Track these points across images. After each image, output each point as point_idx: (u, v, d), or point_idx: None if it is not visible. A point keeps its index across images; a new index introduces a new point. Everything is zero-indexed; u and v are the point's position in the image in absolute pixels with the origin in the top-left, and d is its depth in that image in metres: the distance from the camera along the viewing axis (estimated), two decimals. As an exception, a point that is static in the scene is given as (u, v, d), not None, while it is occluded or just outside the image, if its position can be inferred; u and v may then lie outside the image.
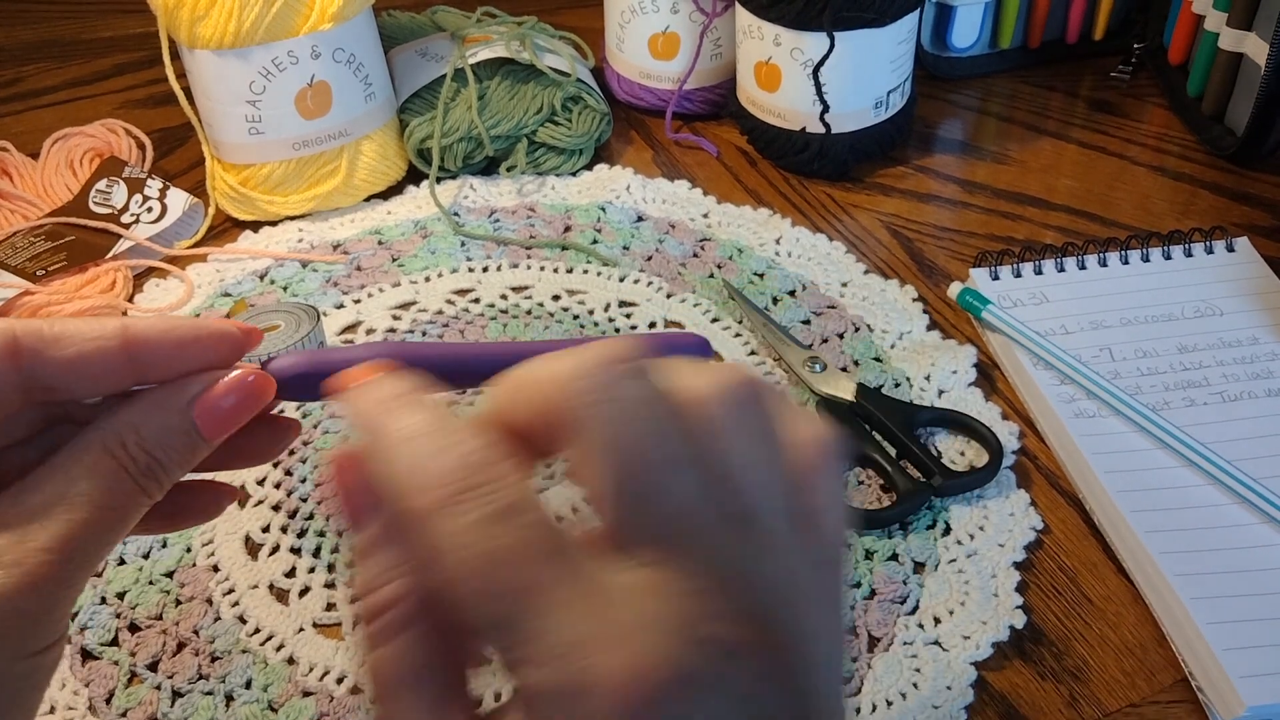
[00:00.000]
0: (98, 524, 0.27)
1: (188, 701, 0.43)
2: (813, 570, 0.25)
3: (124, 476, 0.28)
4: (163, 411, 0.28)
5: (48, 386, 0.28)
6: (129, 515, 0.28)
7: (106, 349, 0.28)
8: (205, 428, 0.29)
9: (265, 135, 0.64)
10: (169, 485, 0.29)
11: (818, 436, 0.27)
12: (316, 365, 0.30)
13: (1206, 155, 0.71)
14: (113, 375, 0.28)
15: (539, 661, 0.21)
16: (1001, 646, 0.44)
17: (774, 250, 0.64)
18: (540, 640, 0.21)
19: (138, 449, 0.28)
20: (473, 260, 0.64)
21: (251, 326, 0.31)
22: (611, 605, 0.22)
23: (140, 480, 0.28)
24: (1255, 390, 0.53)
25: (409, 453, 0.23)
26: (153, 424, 0.28)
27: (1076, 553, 0.48)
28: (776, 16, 0.65)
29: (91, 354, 0.28)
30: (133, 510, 0.28)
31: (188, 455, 0.29)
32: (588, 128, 0.71)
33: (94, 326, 0.28)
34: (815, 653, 0.24)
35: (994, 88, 0.79)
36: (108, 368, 0.28)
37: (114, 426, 0.28)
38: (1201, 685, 0.42)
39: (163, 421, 0.28)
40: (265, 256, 0.65)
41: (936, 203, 0.69)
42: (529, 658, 0.21)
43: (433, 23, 0.77)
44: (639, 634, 0.21)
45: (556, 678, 0.21)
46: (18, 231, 0.63)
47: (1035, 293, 0.59)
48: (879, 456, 0.50)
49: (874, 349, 0.57)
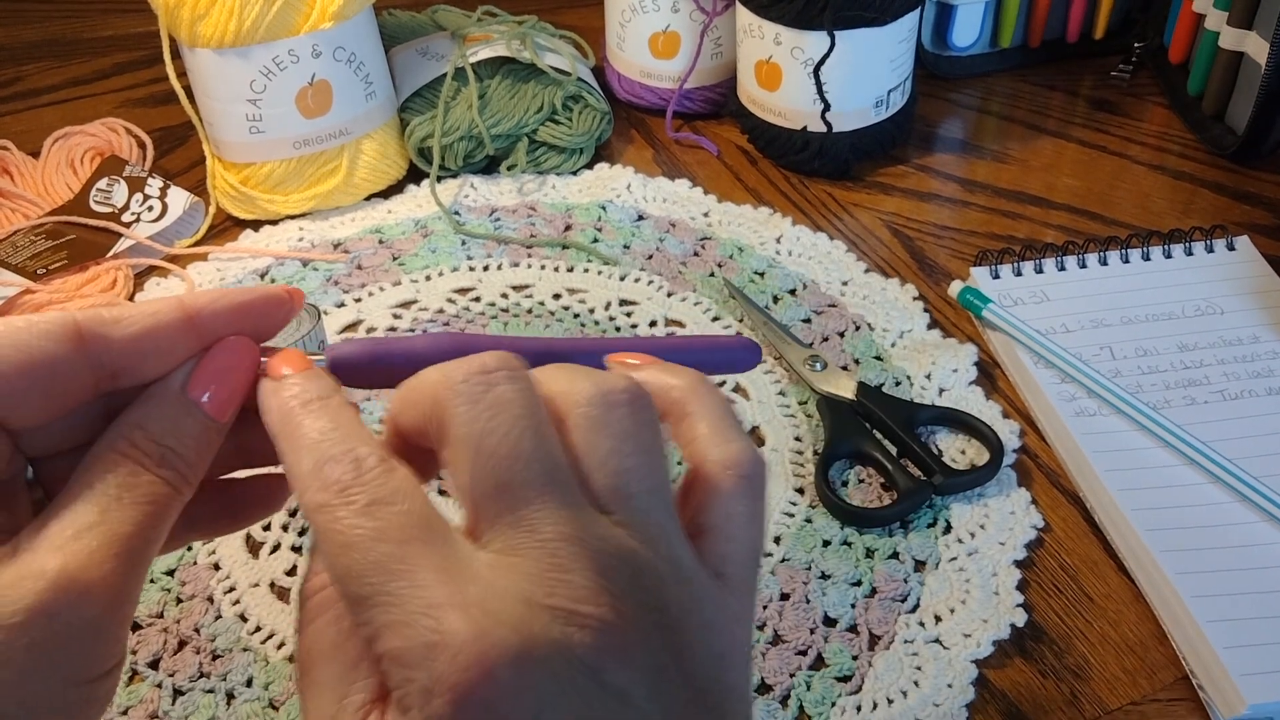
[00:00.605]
0: (135, 524, 0.27)
1: (189, 699, 0.43)
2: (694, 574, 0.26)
3: (142, 471, 0.27)
4: (159, 401, 0.28)
5: (114, 371, 0.28)
6: (163, 512, 0.28)
7: (168, 321, 0.28)
8: (209, 404, 0.29)
9: (266, 134, 0.64)
10: (195, 474, 0.28)
11: (728, 458, 0.28)
12: (377, 354, 0.30)
13: (1207, 154, 0.71)
14: (178, 348, 0.29)
15: (395, 626, 0.23)
16: (1003, 644, 0.44)
17: (774, 249, 0.64)
18: (397, 607, 0.23)
19: (146, 441, 0.28)
20: (473, 259, 0.64)
21: (296, 289, 0.31)
22: (465, 579, 0.23)
23: (159, 471, 0.27)
24: (1256, 389, 0.53)
25: (307, 455, 0.26)
26: (154, 415, 0.28)
27: (1077, 551, 0.48)
28: (777, 15, 0.65)
29: (155, 328, 0.28)
30: (165, 506, 0.28)
31: (203, 438, 0.29)
32: (588, 127, 0.71)
33: (152, 304, 0.28)
34: (688, 644, 0.25)
35: (994, 87, 0.80)
36: (173, 341, 0.28)
37: (118, 428, 0.28)
38: (1202, 683, 0.42)
39: (164, 410, 0.28)
40: (266, 255, 0.65)
41: (937, 201, 0.69)
42: (388, 623, 0.23)
43: (433, 22, 0.77)
44: (486, 601, 0.23)
45: (408, 640, 0.23)
46: (18, 230, 0.63)
47: (1036, 291, 0.59)
48: (880, 455, 0.50)
49: (875, 347, 0.57)
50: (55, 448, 0.29)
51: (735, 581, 0.27)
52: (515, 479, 0.25)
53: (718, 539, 0.27)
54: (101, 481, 0.27)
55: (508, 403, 0.26)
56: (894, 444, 0.51)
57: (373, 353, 0.30)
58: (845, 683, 0.43)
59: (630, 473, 0.26)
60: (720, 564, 0.27)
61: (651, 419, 0.28)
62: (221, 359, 0.29)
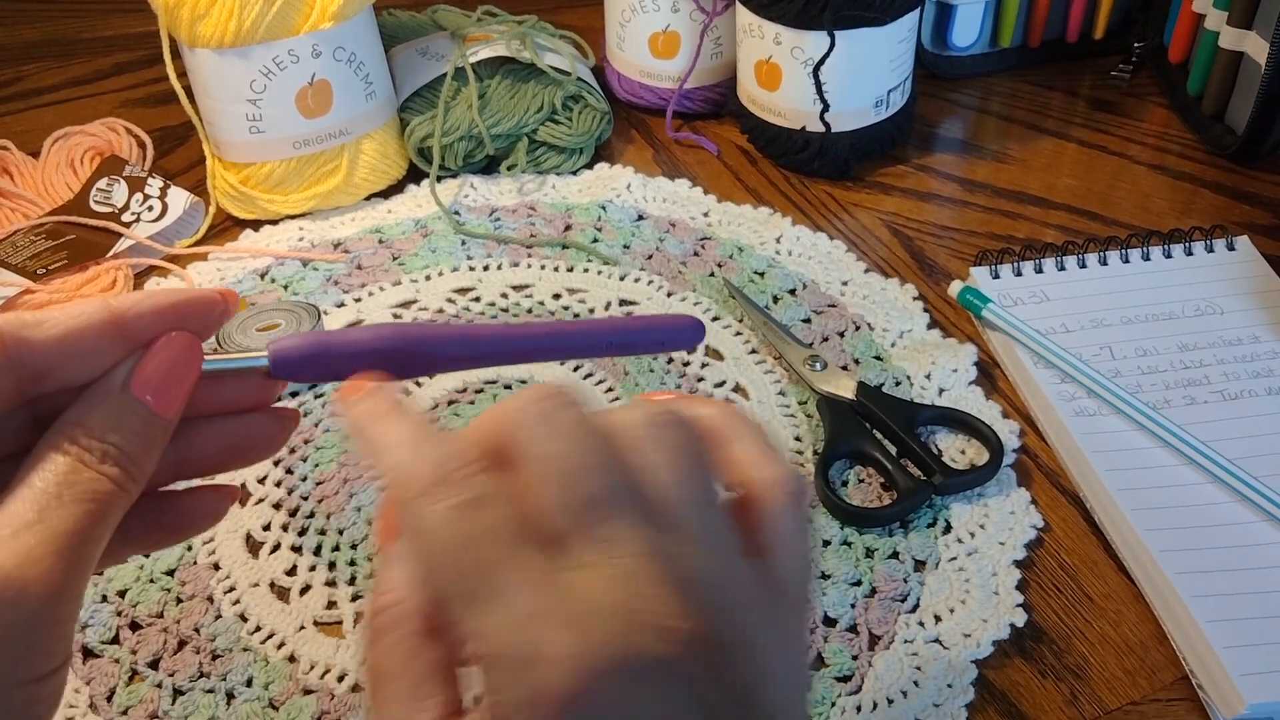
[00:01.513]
0: (75, 520, 0.26)
1: (188, 699, 0.43)
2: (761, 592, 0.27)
3: (82, 468, 0.27)
4: (102, 397, 0.28)
5: (37, 373, 0.28)
6: (105, 510, 0.27)
7: (94, 323, 0.28)
8: (153, 400, 0.28)
9: (266, 134, 0.64)
10: (141, 472, 0.28)
11: (774, 477, 0.28)
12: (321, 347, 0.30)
13: (1207, 154, 0.71)
14: (103, 350, 0.28)
15: (497, 630, 0.24)
16: (1002, 644, 0.44)
17: (774, 249, 0.64)
18: (500, 611, 0.24)
19: (88, 439, 0.27)
20: (473, 259, 0.64)
21: (229, 290, 0.31)
22: (561, 592, 0.24)
23: (102, 469, 0.27)
24: (1255, 389, 0.53)
25: (395, 456, 0.26)
26: (96, 412, 0.28)
27: (1077, 551, 0.48)
28: (777, 15, 0.65)
29: (79, 329, 0.28)
30: (107, 504, 0.27)
31: (147, 435, 0.28)
32: (588, 126, 0.71)
33: (77, 305, 0.28)
34: (765, 662, 0.26)
35: (994, 87, 0.80)
36: (98, 342, 0.28)
37: (58, 427, 0.27)
38: (1202, 683, 0.42)
39: (106, 407, 0.28)
40: (266, 255, 0.65)
41: (937, 201, 0.69)
42: (489, 628, 0.24)
43: (433, 21, 0.77)
44: (585, 618, 0.24)
45: (511, 647, 0.23)
46: (18, 230, 0.63)
47: (1036, 291, 0.59)
48: (879, 455, 0.50)
49: (874, 347, 0.57)
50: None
51: (794, 599, 0.28)
52: (591, 496, 0.25)
53: (775, 556, 0.28)
54: (41, 480, 0.26)
55: (575, 423, 0.26)
56: (894, 444, 0.51)
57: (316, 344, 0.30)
58: (845, 683, 0.43)
59: (687, 487, 0.27)
60: (782, 582, 0.28)
61: (697, 438, 0.28)
62: (166, 354, 0.29)
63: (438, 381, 0.56)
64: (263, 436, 0.32)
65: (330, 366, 0.30)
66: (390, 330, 0.30)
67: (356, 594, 0.46)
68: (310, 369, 0.30)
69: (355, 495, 0.50)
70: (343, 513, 0.50)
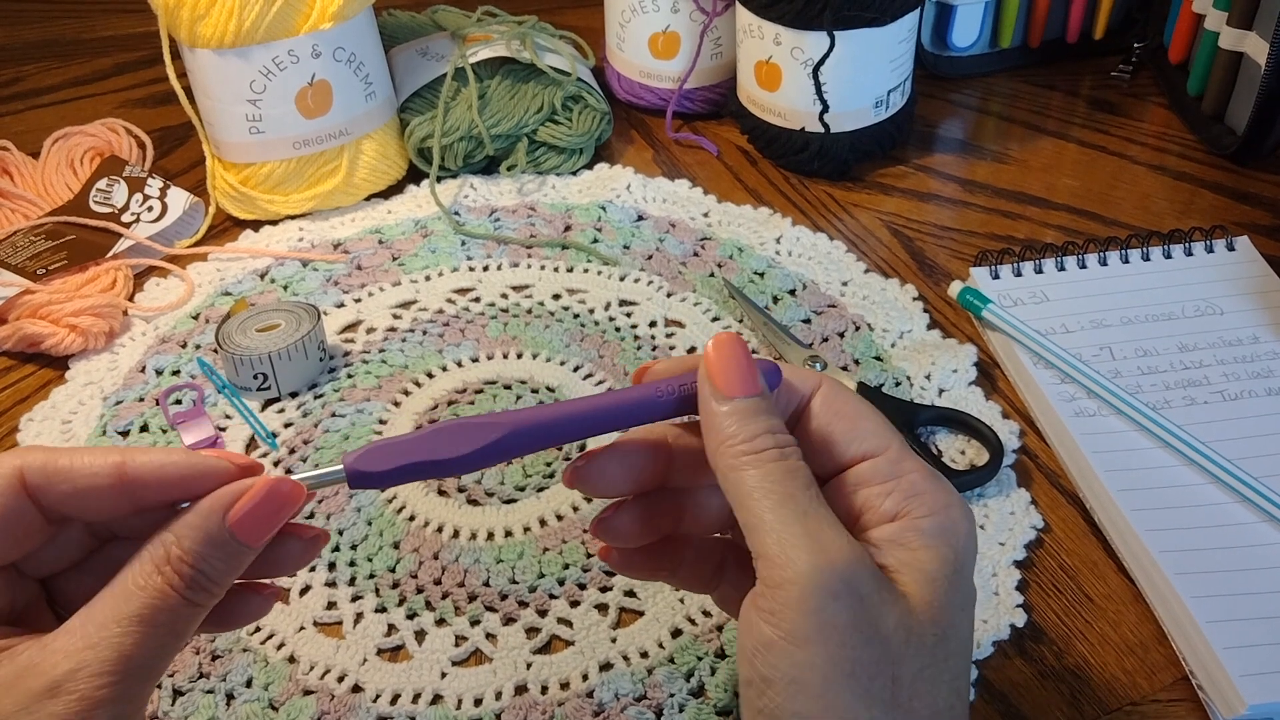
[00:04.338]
0: (151, 641, 0.29)
1: (188, 700, 0.43)
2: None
3: (170, 593, 0.30)
4: (202, 526, 0.30)
5: (62, 514, 0.31)
6: (181, 629, 0.30)
7: (99, 486, 0.31)
8: (245, 535, 0.31)
9: (266, 134, 0.64)
10: (219, 594, 0.31)
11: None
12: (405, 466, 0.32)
13: (1207, 154, 0.71)
14: (110, 506, 0.31)
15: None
16: (1002, 645, 0.44)
17: (774, 249, 0.64)
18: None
19: (181, 564, 0.30)
20: (473, 259, 0.64)
21: (252, 461, 0.32)
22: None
23: (188, 594, 0.30)
24: (1255, 389, 0.53)
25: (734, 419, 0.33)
26: (194, 539, 0.30)
27: (1077, 551, 0.48)
28: (777, 16, 0.65)
29: (86, 490, 0.31)
30: (185, 624, 0.30)
31: (232, 563, 0.31)
32: (588, 127, 0.71)
33: (92, 461, 0.31)
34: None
35: (994, 87, 0.80)
36: (103, 501, 0.31)
37: (157, 547, 0.30)
38: (1202, 684, 0.42)
39: (203, 536, 0.30)
40: (266, 255, 0.65)
41: (937, 202, 0.69)
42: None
43: (433, 22, 0.77)
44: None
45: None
46: (18, 230, 0.63)
47: (1036, 292, 0.59)
48: (879, 455, 0.50)
49: (874, 348, 0.57)
50: (54, 569, 0.33)
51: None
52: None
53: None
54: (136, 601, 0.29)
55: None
56: (894, 444, 0.51)
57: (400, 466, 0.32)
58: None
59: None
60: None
61: None
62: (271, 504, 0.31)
63: (438, 382, 0.56)
64: (296, 555, 0.34)
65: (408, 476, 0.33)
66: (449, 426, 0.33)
67: (356, 594, 0.46)
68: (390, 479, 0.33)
69: (354, 496, 0.50)
70: (342, 513, 0.50)
